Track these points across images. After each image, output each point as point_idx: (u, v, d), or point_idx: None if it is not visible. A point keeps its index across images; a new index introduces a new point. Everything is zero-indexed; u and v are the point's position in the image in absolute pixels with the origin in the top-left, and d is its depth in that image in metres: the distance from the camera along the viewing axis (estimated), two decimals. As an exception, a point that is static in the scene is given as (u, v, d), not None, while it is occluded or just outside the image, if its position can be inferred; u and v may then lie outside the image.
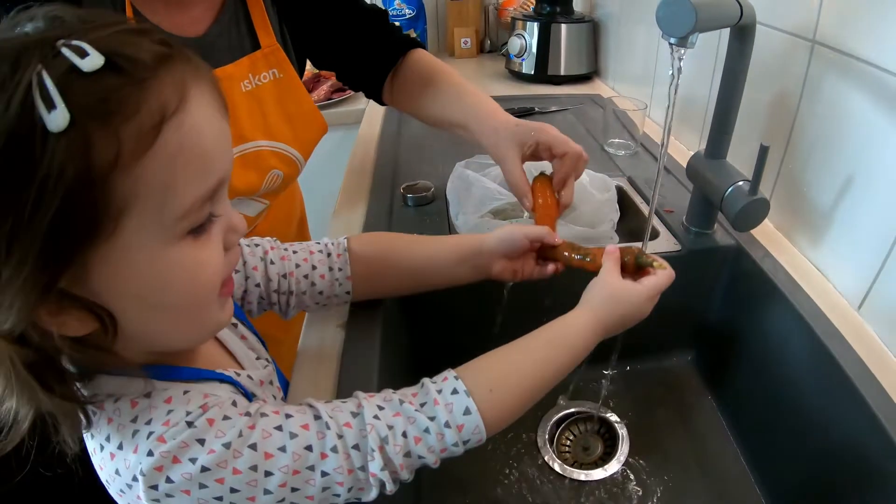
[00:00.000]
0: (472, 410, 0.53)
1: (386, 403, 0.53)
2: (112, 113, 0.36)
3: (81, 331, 0.41)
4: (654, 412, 0.95)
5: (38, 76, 0.35)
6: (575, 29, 1.80)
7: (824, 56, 0.84)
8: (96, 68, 0.36)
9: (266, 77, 0.95)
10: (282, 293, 0.70)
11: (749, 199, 0.80)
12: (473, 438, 0.54)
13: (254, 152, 0.94)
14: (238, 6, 0.93)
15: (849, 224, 0.82)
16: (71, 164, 0.35)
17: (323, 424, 0.49)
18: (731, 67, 0.82)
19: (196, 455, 0.44)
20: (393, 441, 0.50)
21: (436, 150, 1.33)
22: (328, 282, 0.72)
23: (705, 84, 1.16)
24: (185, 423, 0.44)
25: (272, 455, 0.46)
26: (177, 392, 0.46)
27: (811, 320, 0.77)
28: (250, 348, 0.63)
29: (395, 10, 2.12)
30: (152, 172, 0.38)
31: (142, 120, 0.37)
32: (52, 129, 0.34)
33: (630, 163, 1.25)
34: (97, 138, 0.36)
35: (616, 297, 0.66)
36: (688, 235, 0.96)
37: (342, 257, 0.73)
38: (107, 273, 0.40)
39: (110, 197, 0.37)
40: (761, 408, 0.86)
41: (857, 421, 0.67)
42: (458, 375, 0.56)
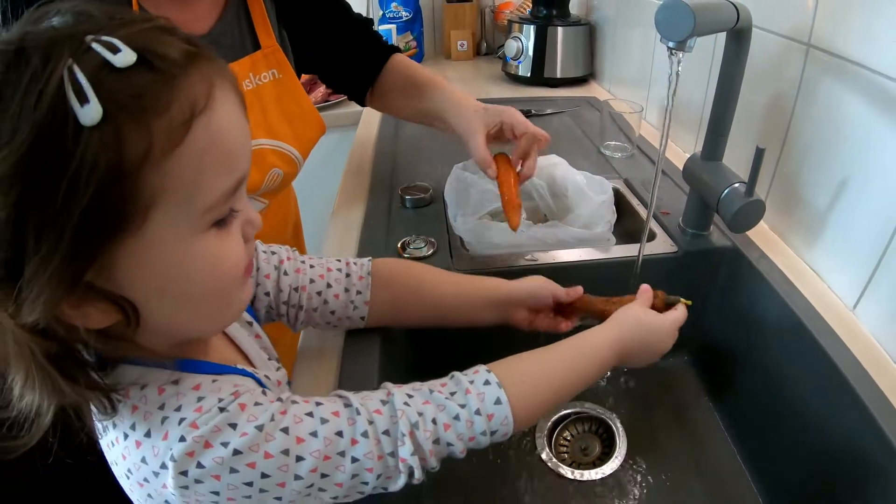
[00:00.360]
0: (503, 401, 0.54)
1: (415, 392, 0.54)
2: (144, 108, 0.37)
3: (104, 322, 0.41)
4: (652, 412, 0.96)
5: (69, 70, 0.35)
6: (571, 32, 1.81)
7: (819, 59, 0.85)
8: (129, 64, 0.37)
9: (266, 77, 0.96)
10: (291, 306, 0.70)
11: (745, 201, 0.81)
12: (501, 430, 0.55)
13: (255, 150, 0.95)
14: (239, 5, 0.94)
15: (844, 225, 0.83)
16: (103, 158, 0.35)
17: (353, 411, 0.50)
18: (727, 70, 0.83)
19: (228, 439, 0.44)
20: (423, 427, 0.51)
21: (434, 151, 1.34)
22: (342, 303, 0.71)
23: (701, 87, 1.17)
24: (218, 409, 0.44)
25: (304, 439, 0.46)
26: (205, 380, 0.46)
27: (807, 321, 0.78)
28: (263, 348, 0.63)
29: (392, 13, 2.12)
30: (181, 168, 0.39)
31: (173, 116, 0.38)
32: (84, 123, 0.35)
33: (626, 165, 1.26)
34: (129, 133, 0.36)
35: (641, 323, 0.70)
36: (684, 237, 0.97)
37: (364, 280, 0.72)
38: (133, 266, 0.40)
39: (140, 191, 0.37)
40: (758, 408, 0.87)
41: (853, 420, 0.68)
42: (489, 369, 0.57)
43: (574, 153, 1.32)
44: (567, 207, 1.04)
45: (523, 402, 0.56)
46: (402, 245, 0.96)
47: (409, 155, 1.35)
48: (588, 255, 0.95)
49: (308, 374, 0.74)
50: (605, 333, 0.67)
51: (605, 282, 0.80)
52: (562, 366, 0.62)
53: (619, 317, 0.70)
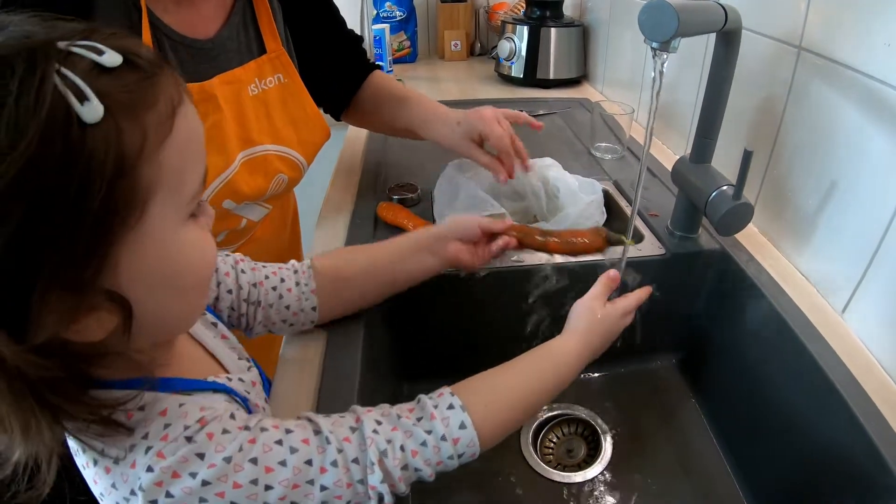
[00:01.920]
0: (467, 425, 0.55)
1: (384, 418, 0.54)
2: (136, 104, 0.39)
3: (101, 333, 0.41)
4: (639, 414, 0.95)
5: (59, 73, 0.35)
6: (564, 33, 1.80)
7: (810, 62, 0.84)
8: (117, 64, 0.38)
9: (272, 81, 0.96)
10: (251, 303, 0.70)
11: (733, 204, 0.80)
12: (468, 452, 0.55)
13: (262, 156, 0.95)
14: (246, 9, 0.93)
15: (833, 228, 0.83)
16: (110, 154, 0.36)
17: (323, 439, 0.50)
18: (716, 73, 0.82)
19: (196, 469, 0.43)
20: (392, 454, 0.51)
21: (424, 151, 1.33)
22: (295, 295, 0.72)
23: (692, 88, 1.17)
24: (185, 438, 0.44)
25: (273, 469, 0.46)
26: (172, 404, 0.46)
27: (794, 324, 0.78)
28: (231, 348, 0.63)
29: (386, 12, 2.12)
30: (171, 158, 0.41)
31: (160, 110, 0.40)
32: (87, 121, 0.35)
33: (617, 166, 1.25)
34: (126, 128, 0.37)
35: (599, 320, 0.71)
36: (672, 239, 0.96)
37: (307, 273, 0.74)
38: (133, 261, 0.40)
39: (138, 185, 0.39)
40: (745, 411, 0.87)
41: (839, 424, 0.68)
42: (453, 392, 0.57)
43: (565, 154, 1.31)
44: (558, 208, 1.03)
45: (489, 424, 0.57)
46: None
47: (399, 154, 1.34)
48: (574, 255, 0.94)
49: (290, 380, 0.73)
50: (568, 343, 0.68)
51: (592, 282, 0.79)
52: (527, 382, 0.63)
53: (576, 319, 0.71)
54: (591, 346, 0.69)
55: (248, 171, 0.93)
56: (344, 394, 0.70)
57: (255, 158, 0.94)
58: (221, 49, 0.90)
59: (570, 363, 0.66)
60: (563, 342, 0.68)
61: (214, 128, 0.87)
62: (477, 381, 0.61)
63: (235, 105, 0.90)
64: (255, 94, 0.93)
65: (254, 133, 0.93)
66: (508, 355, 0.65)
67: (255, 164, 0.95)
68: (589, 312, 0.71)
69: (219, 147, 0.88)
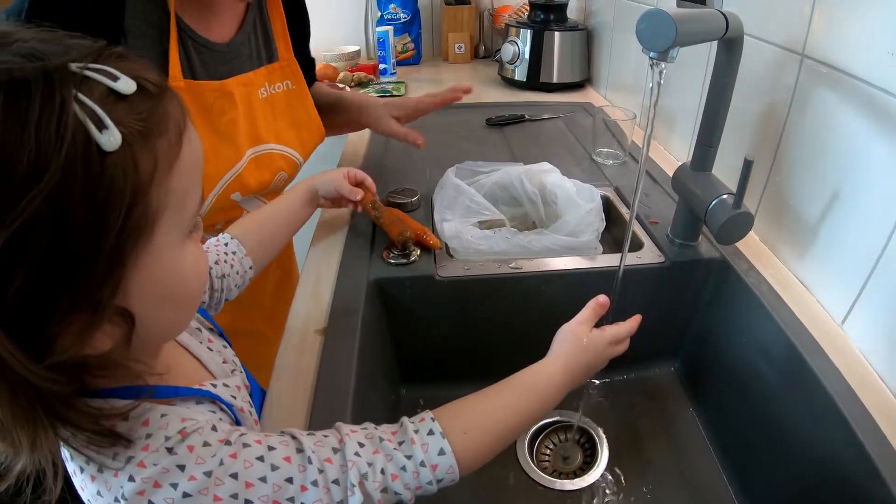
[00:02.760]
0: (446, 451, 0.55)
1: (367, 440, 0.54)
2: (150, 132, 0.39)
3: (107, 345, 0.41)
4: (636, 422, 0.95)
5: (76, 99, 0.36)
6: (568, 37, 1.80)
7: (813, 69, 0.84)
8: (132, 91, 0.39)
9: (280, 87, 1.04)
10: (217, 290, 0.75)
11: (732, 213, 0.80)
12: (447, 478, 0.55)
13: (266, 154, 1.03)
14: (257, 18, 1.00)
15: (834, 238, 0.82)
16: (128, 182, 0.37)
17: (305, 458, 0.50)
18: (718, 80, 0.81)
19: (177, 481, 0.44)
20: (372, 477, 0.51)
21: (424, 157, 1.33)
22: (238, 264, 0.79)
23: (695, 94, 1.16)
24: (166, 450, 0.44)
25: (252, 484, 0.46)
26: (154, 414, 0.46)
27: (793, 335, 0.77)
28: (217, 352, 0.63)
29: (390, 14, 2.12)
30: (177, 182, 0.42)
31: (170, 136, 0.41)
32: (106, 150, 0.36)
33: (618, 172, 1.25)
34: (141, 155, 0.38)
35: (584, 347, 0.70)
36: (672, 247, 0.96)
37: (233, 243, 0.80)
38: (141, 279, 0.41)
39: (149, 209, 0.40)
40: (742, 420, 0.86)
41: (836, 437, 0.67)
42: (434, 417, 0.57)
43: (566, 159, 1.31)
44: (556, 215, 1.03)
45: (468, 450, 0.57)
46: (387, 248, 0.95)
47: (400, 159, 1.34)
48: (574, 263, 0.93)
49: (285, 386, 0.73)
50: (550, 369, 0.67)
51: (591, 290, 0.78)
52: (508, 409, 0.62)
53: (560, 345, 0.70)
54: (574, 373, 0.68)
55: (255, 166, 1.00)
56: (339, 400, 0.69)
57: (261, 155, 1.01)
58: (236, 53, 0.96)
59: (550, 391, 0.66)
60: (544, 368, 0.67)
61: (229, 123, 0.95)
62: (458, 406, 0.61)
63: (247, 105, 0.98)
64: (264, 97, 1.01)
65: (262, 132, 1.00)
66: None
67: (262, 161, 1.02)
68: (573, 338, 0.70)
69: (231, 142, 0.95)
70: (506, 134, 1.50)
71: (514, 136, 1.48)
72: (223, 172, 0.95)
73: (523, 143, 1.44)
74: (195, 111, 0.90)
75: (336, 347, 0.76)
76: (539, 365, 0.68)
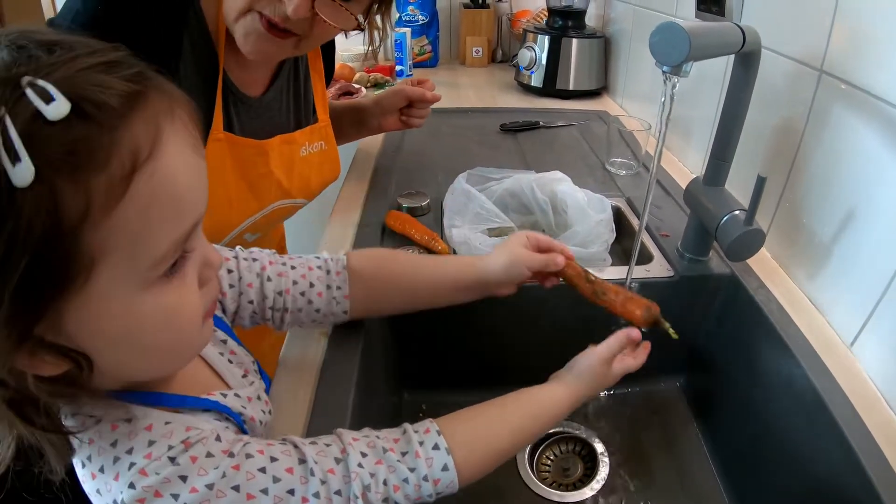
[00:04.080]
0: (449, 467, 0.55)
1: (369, 450, 0.54)
2: (80, 166, 0.34)
3: (56, 371, 0.39)
4: (638, 436, 0.94)
5: (1, 123, 0.32)
6: (586, 44, 1.79)
7: (832, 86, 0.83)
8: (62, 116, 0.33)
9: (316, 147, 1.07)
10: (276, 310, 0.69)
11: (744, 230, 0.79)
12: (447, 491, 0.56)
13: (290, 206, 1.05)
14: (291, 76, 1.02)
15: (847, 259, 0.81)
16: (38, 221, 0.33)
17: (307, 469, 0.49)
18: (734, 94, 0.81)
19: (178, 491, 0.43)
20: (375, 488, 0.51)
21: (437, 162, 1.33)
22: (325, 300, 0.71)
23: (712, 105, 1.15)
24: (168, 459, 0.44)
25: (254, 496, 0.46)
26: (158, 421, 0.45)
27: (801, 356, 0.76)
28: (238, 364, 0.62)
29: (408, 16, 2.12)
30: (123, 223, 0.36)
31: (112, 171, 0.35)
32: (16, 185, 0.32)
33: (631, 183, 1.24)
34: (65, 192, 0.34)
35: (598, 377, 0.70)
36: (682, 261, 0.95)
37: (341, 275, 0.72)
38: (81, 320, 0.38)
39: (80, 250, 0.35)
40: (745, 440, 0.85)
41: (838, 460, 0.66)
42: (440, 430, 0.57)
43: (579, 168, 1.30)
44: (566, 224, 1.02)
45: (470, 466, 0.57)
46: (395, 252, 0.94)
47: (412, 163, 1.34)
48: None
49: (288, 384, 0.73)
50: (558, 392, 0.68)
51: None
52: (513, 430, 0.62)
53: (577, 371, 0.70)
54: (580, 398, 0.68)
55: (273, 214, 1.03)
56: (340, 400, 0.69)
57: (284, 207, 1.04)
58: (266, 109, 0.98)
59: (554, 416, 0.66)
60: (554, 395, 0.67)
61: (261, 178, 0.96)
62: (462, 419, 0.60)
63: (289, 162, 1.00)
64: (304, 156, 1.04)
65: (294, 189, 1.02)
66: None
67: (283, 212, 1.05)
68: (591, 374, 0.70)
69: (258, 194, 0.97)
70: (519, 140, 1.49)
71: (528, 143, 1.47)
72: (244, 219, 0.97)
73: (537, 150, 1.43)
74: (230, 161, 0.91)
75: (339, 350, 0.76)
76: (547, 388, 0.68)
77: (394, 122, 1.24)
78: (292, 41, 0.85)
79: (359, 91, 1.80)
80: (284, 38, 0.83)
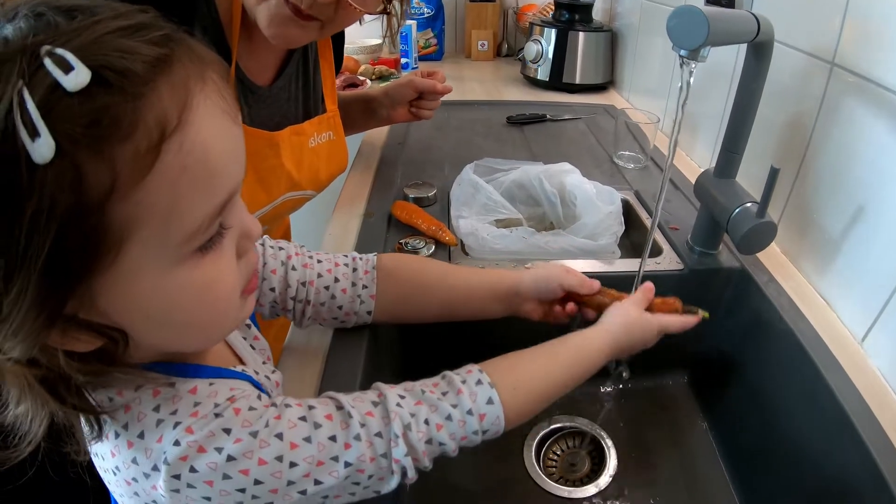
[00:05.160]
0: (494, 401, 0.55)
1: (407, 393, 0.54)
2: (103, 137, 0.33)
3: (90, 347, 0.39)
4: (646, 431, 0.93)
5: (19, 96, 0.31)
6: (593, 37, 1.78)
7: (843, 79, 0.82)
8: (82, 87, 0.32)
9: (325, 137, 1.06)
10: (298, 301, 0.68)
11: (756, 222, 0.78)
12: (493, 429, 0.55)
13: (299, 199, 1.04)
14: (299, 65, 1.01)
15: (858, 253, 0.80)
16: (62, 197, 0.32)
17: (346, 414, 0.49)
18: (745, 85, 0.80)
19: (223, 444, 0.43)
20: (416, 428, 0.51)
21: (443, 154, 1.32)
22: (349, 297, 0.70)
23: (720, 100, 1.14)
24: (214, 415, 0.44)
25: (297, 445, 0.46)
26: (202, 384, 0.45)
27: (812, 351, 0.75)
28: (261, 350, 0.62)
29: (414, 9, 2.11)
30: (153, 196, 0.35)
31: (138, 141, 0.34)
32: (37, 161, 0.31)
33: (639, 176, 1.23)
34: (88, 166, 0.32)
35: (632, 324, 0.69)
36: (692, 255, 0.94)
37: (369, 274, 0.71)
38: (113, 296, 0.37)
39: (108, 225, 0.34)
40: (754, 435, 0.84)
41: (850, 457, 0.65)
42: (482, 369, 0.57)
43: (586, 161, 1.29)
44: (575, 216, 1.01)
45: (514, 403, 0.56)
46: (402, 243, 0.94)
47: (419, 154, 1.33)
48: (590, 266, 0.92)
49: (293, 370, 0.72)
50: (601, 340, 0.67)
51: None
52: (554, 369, 0.62)
53: (610, 318, 0.70)
54: (618, 350, 0.68)
55: (282, 206, 1.02)
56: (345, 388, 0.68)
57: (293, 200, 1.03)
58: (275, 98, 0.97)
59: (594, 362, 0.65)
60: (594, 339, 0.67)
61: (271, 170, 0.95)
62: (506, 360, 0.60)
63: (298, 153, 1.00)
64: (312, 147, 1.03)
65: (303, 180, 1.02)
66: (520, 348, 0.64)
67: (292, 203, 1.04)
68: (625, 316, 0.70)
69: (268, 187, 0.96)
70: (526, 133, 1.48)
71: (535, 136, 1.46)
72: (252, 212, 0.93)
73: (543, 142, 1.42)
74: None
75: (345, 339, 0.75)
76: (590, 333, 0.68)
77: (403, 113, 1.22)
78: (316, 25, 0.84)
79: (364, 83, 1.79)
80: (309, 21, 0.82)
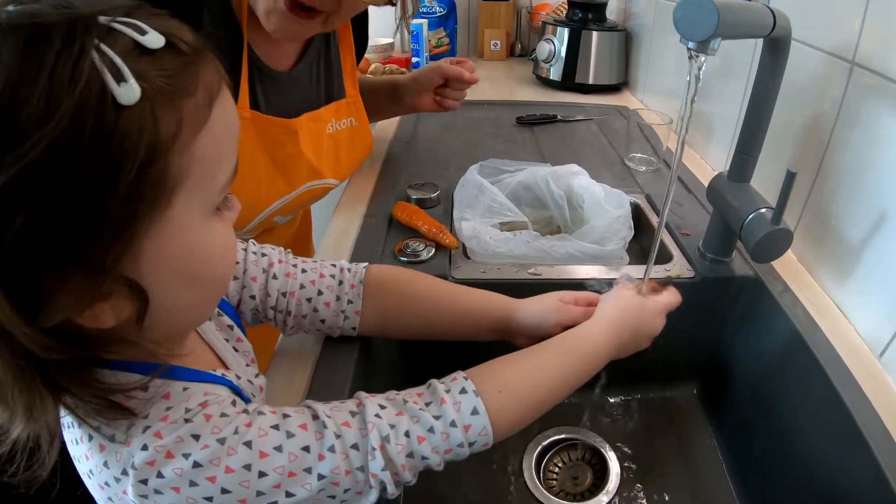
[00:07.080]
0: (479, 411, 0.52)
1: (388, 402, 0.52)
2: (175, 90, 0.37)
3: (113, 321, 0.39)
4: (651, 444, 0.90)
5: (97, 49, 0.34)
6: (606, 37, 1.74)
7: (863, 79, 0.78)
8: (159, 46, 0.37)
9: (345, 123, 1.05)
10: (279, 311, 0.67)
11: (770, 229, 0.74)
12: (480, 441, 0.53)
13: (321, 188, 1.04)
14: (322, 49, 1.00)
15: (878, 263, 0.76)
16: (143, 138, 0.35)
17: (321, 424, 0.48)
18: (761, 84, 0.76)
19: (190, 451, 0.42)
20: (395, 440, 0.49)
21: (449, 153, 1.29)
22: (332, 311, 0.68)
23: (735, 100, 1.10)
24: (184, 420, 0.43)
25: (267, 454, 0.44)
26: (175, 388, 0.45)
27: (827, 365, 0.71)
28: (244, 353, 0.60)
29: (426, 8, 2.08)
30: (203, 150, 0.39)
31: (198, 98, 0.39)
32: (123, 103, 0.34)
33: (650, 179, 1.19)
34: (162, 114, 0.36)
35: (627, 308, 0.67)
36: (703, 262, 0.90)
37: (356, 289, 0.69)
38: (155, 250, 0.39)
39: (167, 173, 0.37)
40: (763, 451, 0.81)
41: (864, 476, 0.62)
42: (467, 376, 0.55)
43: (597, 163, 1.26)
44: (582, 220, 0.98)
45: (504, 412, 0.54)
46: (402, 246, 0.91)
47: (424, 154, 1.31)
48: (598, 272, 0.89)
49: (282, 374, 0.70)
50: (594, 330, 0.64)
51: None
52: (547, 370, 0.59)
53: (603, 307, 0.67)
54: (621, 336, 0.65)
55: (304, 195, 1.01)
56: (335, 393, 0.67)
57: (315, 189, 1.02)
58: (295, 83, 0.96)
59: (593, 354, 0.62)
60: (588, 329, 0.64)
61: (290, 159, 0.94)
62: (493, 366, 0.58)
63: (317, 140, 0.98)
64: (331, 133, 1.01)
65: (323, 168, 1.00)
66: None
67: (314, 193, 1.03)
68: (616, 300, 0.67)
69: (287, 175, 0.95)
70: (536, 134, 1.45)
71: (545, 137, 1.43)
72: (273, 201, 0.95)
73: (553, 143, 1.39)
74: (256, 141, 0.88)
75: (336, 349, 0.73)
76: (582, 327, 0.65)
77: (428, 101, 1.18)
78: (320, 18, 0.82)
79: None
80: (310, 18, 0.80)
